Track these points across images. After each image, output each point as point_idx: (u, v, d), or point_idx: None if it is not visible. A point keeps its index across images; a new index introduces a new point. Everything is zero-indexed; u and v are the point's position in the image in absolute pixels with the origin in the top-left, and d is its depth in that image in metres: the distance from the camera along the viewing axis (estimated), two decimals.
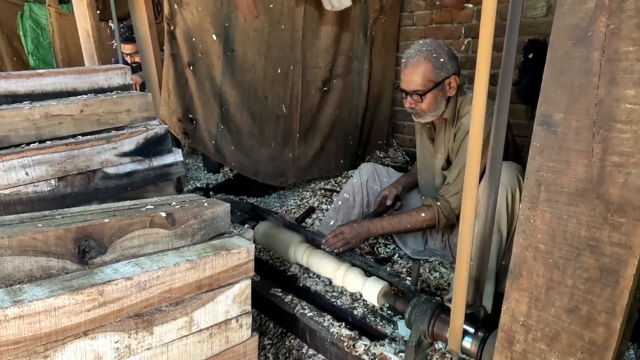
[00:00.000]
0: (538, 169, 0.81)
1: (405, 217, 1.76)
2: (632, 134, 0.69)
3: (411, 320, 1.28)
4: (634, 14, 0.67)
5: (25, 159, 1.14)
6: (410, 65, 1.66)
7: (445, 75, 1.67)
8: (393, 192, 1.98)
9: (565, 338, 0.83)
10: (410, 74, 1.66)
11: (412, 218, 1.74)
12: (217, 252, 1.05)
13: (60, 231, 0.88)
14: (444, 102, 1.72)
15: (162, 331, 0.97)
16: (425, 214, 1.72)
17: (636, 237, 0.72)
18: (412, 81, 1.66)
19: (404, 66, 1.69)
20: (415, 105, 1.71)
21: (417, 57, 1.65)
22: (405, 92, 1.71)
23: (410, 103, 1.72)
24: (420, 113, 1.74)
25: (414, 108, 1.73)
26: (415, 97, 1.68)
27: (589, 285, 0.78)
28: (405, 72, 1.68)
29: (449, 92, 1.71)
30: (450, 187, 1.72)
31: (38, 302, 0.77)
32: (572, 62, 0.74)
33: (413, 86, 1.67)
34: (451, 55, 1.69)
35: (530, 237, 0.85)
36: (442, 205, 1.71)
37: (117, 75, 1.53)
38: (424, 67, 1.64)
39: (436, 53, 1.65)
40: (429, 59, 1.64)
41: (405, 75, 1.68)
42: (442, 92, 1.69)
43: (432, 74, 1.65)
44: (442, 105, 1.72)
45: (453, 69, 1.68)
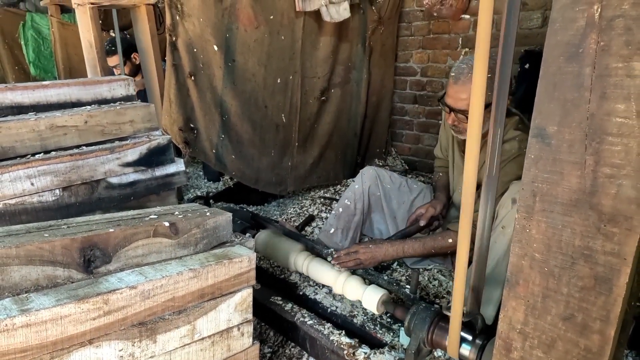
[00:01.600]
0: (533, 180, 0.83)
1: (430, 241, 1.65)
2: (622, 147, 0.72)
3: (410, 328, 1.30)
4: (622, 31, 0.70)
5: (30, 169, 1.16)
6: (461, 82, 1.54)
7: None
8: (430, 212, 1.82)
9: (561, 345, 0.85)
10: (459, 91, 1.54)
11: (438, 243, 1.63)
12: (219, 261, 1.07)
13: (66, 241, 0.90)
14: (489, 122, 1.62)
15: (165, 339, 0.98)
16: (452, 240, 1.61)
17: (628, 246, 0.74)
18: (460, 99, 1.55)
19: (453, 81, 1.56)
20: (458, 124, 1.61)
21: (469, 75, 1.51)
22: (451, 108, 1.59)
23: (454, 120, 1.61)
24: (462, 132, 1.63)
25: (456, 126, 1.63)
26: (461, 116, 1.57)
27: (583, 293, 0.80)
28: (455, 88, 1.55)
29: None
30: None
31: (45, 310, 0.79)
32: (564, 77, 0.77)
33: (460, 105, 1.56)
34: None
35: (526, 246, 0.87)
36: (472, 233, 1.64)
37: (120, 87, 1.56)
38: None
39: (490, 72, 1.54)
40: None
41: (454, 92, 1.56)
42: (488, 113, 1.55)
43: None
44: (486, 125, 1.57)
45: None
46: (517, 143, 1.55)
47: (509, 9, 0.95)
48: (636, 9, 0.68)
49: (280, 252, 1.83)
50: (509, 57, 1.00)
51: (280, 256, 1.83)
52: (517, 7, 0.95)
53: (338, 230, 2.11)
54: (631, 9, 0.68)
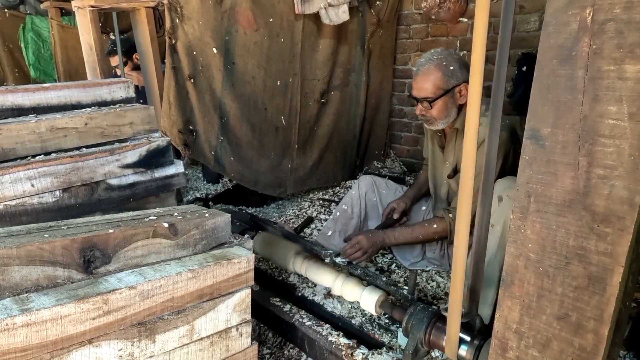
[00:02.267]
0: (528, 181, 0.85)
1: (418, 228, 1.80)
2: (615, 148, 0.73)
3: (408, 329, 1.31)
4: (614, 35, 0.71)
5: (31, 170, 1.17)
6: (421, 73, 1.71)
7: (455, 83, 1.69)
8: (401, 207, 2.01)
9: (556, 345, 0.86)
10: (420, 81, 1.71)
11: (424, 229, 1.78)
12: (218, 261, 1.08)
13: (67, 241, 0.91)
14: (455, 109, 1.74)
15: (165, 339, 0.99)
16: (437, 226, 1.75)
17: (621, 246, 0.75)
18: (422, 88, 1.70)
19: (415, 74, 1.74)
20: (425, 112, 1.75)
21: (427, 65, 1.70)
22: (416, 99, 1.75)
23: (420, 110, 1.76)
24: (430, 120, 1.77)
25: (424, 115, 1.76)
26: (425, 104, 1.71)
27: (577, 293, 0.81)
28: (417, 79, 1.72)
29: (460, 100, 1.73)
30: None
31: (45, 310, 0.80)
32: (557, 79, 0.78)
33: (423, 93, 1.71)
34: (462, 64, 1.72)
35: (521, 246, 0.88)
36: (453, 217, 1.73)
37: (120, 89, 1.57)
38: (434, 74, 1.68)
39: (446, 61, 1.69)
40: (439, 67, 1.68)
41: (416, 83, 1.73)
42: (452, 99, 1.72)
43: (441, 82, 1.68)
44: (452, 112, 1.74)
45: (463, 77, 1.70)
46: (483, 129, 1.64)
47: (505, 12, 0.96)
48: (627, 13, 0.69)
49: (279, 254, 1.84)
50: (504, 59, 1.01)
51: (279, 257, 1.84)
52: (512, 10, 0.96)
53: (335, 233, 2.12)
54: (622, 13, 0.70)
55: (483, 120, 1.66)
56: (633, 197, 0.73)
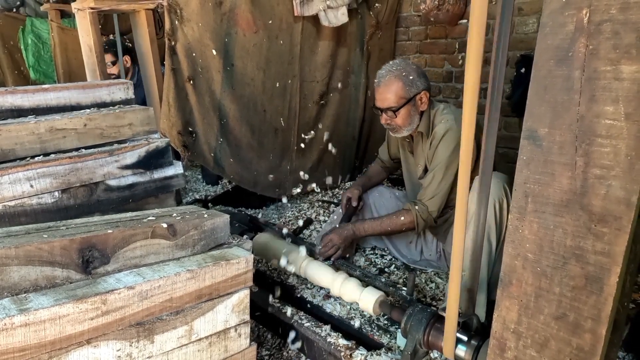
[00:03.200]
0: (525, 181, 0.85)
1: (386, 220, 1.84)
2: (611, 148, 0.73)
3: (407, 330, 1.31)
4: (610, 35, 0.71)
5: (30, 171, 1.17)
6: (382, 85, 1.77)
7: (416, 92, 1.76)
8: (356, 194, 2.09)
9: (554, 344, 0.86)
10: (383, 92, 1.76)
11: (392, 221, 1.82)
12: (216, 262, 1.08)
13: (65, 242, 0.91)
14: (418, 116, 1.81)
15: (163, 340, 0.99)
16: (404, 218, 1.80)
17: (618, 246, 0.75)
18: (385, 99, 1.76)
19: (377, 86, 1.79)
20: (390, 122, 1.81)
21: (388, 77, 1.76)
22: (380, 109, 1.80)
23: (385, 119, 1.82)
24: (396, 128, 1.83)
25: (389, 124, 1.83)
26: (390, 113, 1.77)
27: (575, 292, 0.81)
28: (379, 91, 1.78)
29: (421, 107, 1.80)
30: (427, 191, 1.79)
31: (43, 310, 0.80)
32: (554, 80, 0.78)
33: (387, 103, 1.76)
34: (420, 73, 1.79)
35: (519, 246, 0.88)
36: (419, 209, 1.78)
37: (119, 90, 1.57)
38: (395, 85, 1.74)
39: (405, 71, 1.76)
40: (399, 77, 1.75)
41: (379, 94, 1.78)
42: (415, 107, 1.79)
43: (403, 91, 1.75)
44: (415, 119, 1.81)
45: (422, 85, 1.78)
46: (443, 125, 1.77)
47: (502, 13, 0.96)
48: (623, 14, 0.70)
49: (278, 255, 1.84)
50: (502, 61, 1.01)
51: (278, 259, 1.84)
52: (510, 12, 0.97)
53: None
54: (619, 14, 0.70)
55: (442, 119, 1.79)
56: (630, 197, 0.73)
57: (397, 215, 1.82)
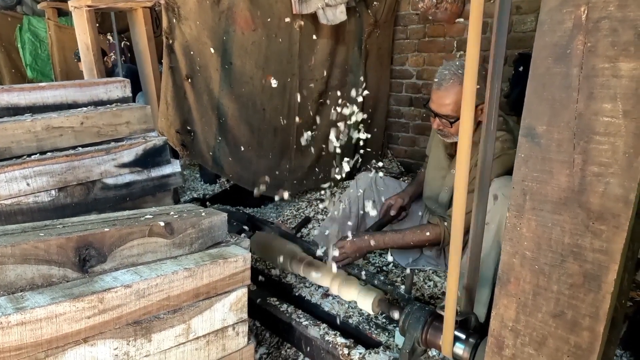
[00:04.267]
0: (523, 179, 0.85)
1: (409, 234, 1.73)
2: (609, 146, 0.73)
3: (405, 328, 1.30)
4: (608, 33, 0.71)
5: (26, 169, 1.16)
6: (443, 88, 1.57)
7: (479, 102, 1.45)
8: (398, 203, 1.96)
9: (552, 342, 0.86)
10: (442, 97, 1.58)
11: (416, 236, 1.72)
12: (214, 260, 1.07)
13: (62, 240, 0.91)
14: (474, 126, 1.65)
15: (160, 338, 0.99)
16: (430, 233, 1.69)
17: (616, 243, 0.75)
18: (443, 104, 1.59)
19: (437, 87, 1.60)
20: (443, 128, 1.65)
21: (452, 81, 1.55)
22: (435, 113, 1.63)
23: (438, 125, 1.65)
24: (447, 135, 1.69)
25: (442, 130, 1.67)
26: (445, 121, 1.61)
27: (573, 290, 0.81)
28: (438, 94, 1.59)
29: (480, 117, 1.57)
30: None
31: (40, 309, 0.79)
32: (553, 77, 0.78)
33: (444, 110, 1.59)
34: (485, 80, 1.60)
35: (517, 244, 0.88)
36: (449, 225, 1.62)
37: (116, 88, 1.57)
38: (458, 93, 1.51)
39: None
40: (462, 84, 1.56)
41: (438, 98, 1.59)
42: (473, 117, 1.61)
43: None
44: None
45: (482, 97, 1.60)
46: (500, 143, 1.59)
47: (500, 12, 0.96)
48: (621, 11, 0.70)
49: (276, 254, 1.84)
50: (500, 60, 1.01)
51: (277, 257, 1.84)
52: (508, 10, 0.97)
53: (333, 232, 2.12)
54: (617, 11, 0.70)
55: (500, 137, 1.59)
56: (628, 195, 0.73)
57: (422, 230, 1.71)
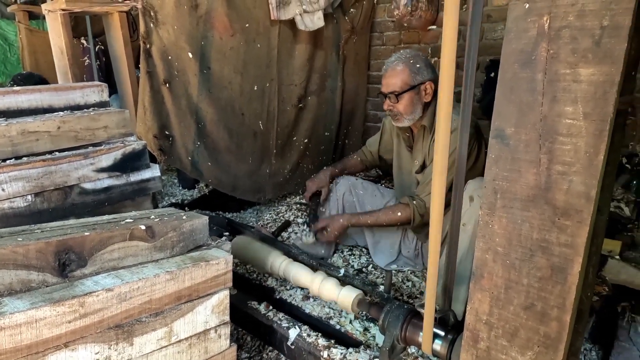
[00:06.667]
0: (494, 178, 0.89)
1: (382, 214, 1.88)
2: (572, 146, 0.78)
3: (384, 326, 1.33)
4: (569, 40, 0.76)
5: (1, 175, 1.14)
6: (389, 70, 1.82)
7: (421, 80, 1.79)
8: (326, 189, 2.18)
9: (523, 333, 0.90)
10: (389, 77, 1.81)
11: (388, 216, 1.86)
12: (196, 263, 1.08)
13: (41, 244, 0.90)
14: (420, 106, 1.82)
15: (142, 342, 0.98)
16: (401, 213, 1.83)
17: (580, 237, 0.80)
18: (390, 83, 1.80)
19: (384, 71, 1.84)
20: (393, 107, 1.83)
21: (395, 62, 1.81)
22: (384, 94, 1.83)
23: (388, 105, 1.84)
24: (398, 116, 1.84)
25: (392, 110, 1.84)
26: (392, 98, 1.80)
27: (542, 283, 0.86)
28: (385, 76, 1.83)
29: (425, 98, 1.81)
30: (426, 187, 1.82)
31: (19, 314, 0.78)
32: (519, 82, 0.83)
33: (391, 88, 1.80)
34: (427, 64, 1.82)
35: (489, 241, 0.92)
36: (417, 204, 1.81)
37: (93, 93, 1.55)
38: (401, 70, 1.78)
39: (413, 60, 1.80)
40: (406, 64, 1.79)
41: (385, 79, 1.82)
42: (418, 96, 1.81)
43: (408, 77, 1.78)
44: (418, 109, 1.82)
45: (429, 75, 1.80)
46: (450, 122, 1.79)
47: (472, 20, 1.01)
48: (580, 20, 0.75)
49: (257, 257, 1.84)
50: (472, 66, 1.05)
51: (257, 260, 1.84)
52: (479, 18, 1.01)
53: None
54: (576, 20, 0.75)
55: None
56: (589, 191, 0.78)
57: (394, 209, 1.86)
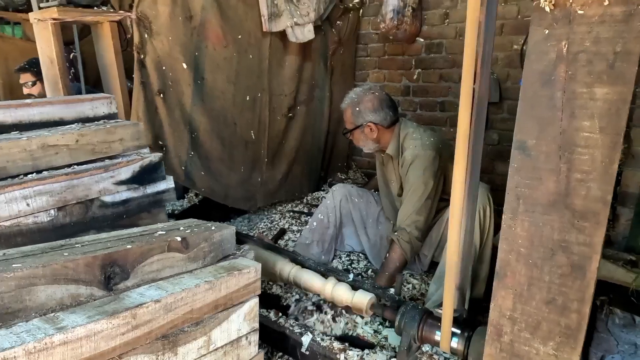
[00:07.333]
0: (517, 186, 0.98)
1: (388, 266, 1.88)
2: (589, 156, 0.88)
3: (401, 327, 1.40)
4: (585, 63, 0.87)
5: (26, 189, 1.13)
6: (343, 109, 2.09)
7: (362, 122, 2.00)
8: None
9: (545, 326, 0.99)
10: (344, 114, 2.09)
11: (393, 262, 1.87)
12: (230, 272, 1.11)
13: (89, 259, 0.91)
14: (371, 141, 2.03)
15: (185, 351, 1.01)
16: (395, 254, 1.87)
17: (597, 237, 0.90)
18: (347, 122, 2.07)
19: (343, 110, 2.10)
20: (351, 138, 2.10)
21: (344, 104, 2.07)
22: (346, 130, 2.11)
23: (348, 136, 2.12)
24: (359, 143, 2.09)
25: (351, 140, 2.12)
26: (347, 132, 2.09)
27: (562, 279, 0.95)
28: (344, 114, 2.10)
29: (371, 135, 2.01)
30: (402, 215, 1.88)
31: (80, 327, 0.79)
32: (540, 99, 0.93)
33: (345, 124, 2.10)
34: (372, 105, 1.98)
35: (512, 242, 1.01)
36: (401, 235, 1.85)
37: (102, 105, 1.55)
38: (347, 112, 2.05)
39: (356, 104, 2.00)
40: (350, 106, 2.02)
41: (344, 117, 2.10)
42: (364, 134, 2.02)
43: (352, 118, 2.02)
44: (369, 143, 2.05)
45: (370, 117, 1.98)
46: (411, 151, 1.93)
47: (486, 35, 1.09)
48: (595, 46, 0.85)
49: (265, 264, 1.87)
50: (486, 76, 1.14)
51: (265, 268, 1.87)
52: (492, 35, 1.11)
53: (314, 242, 2.19)
54: (592, 46, 0.86)
55: (410, 145, 1.94)
56: (605, 196, 0.88)
57: (390, 255, 1.88)
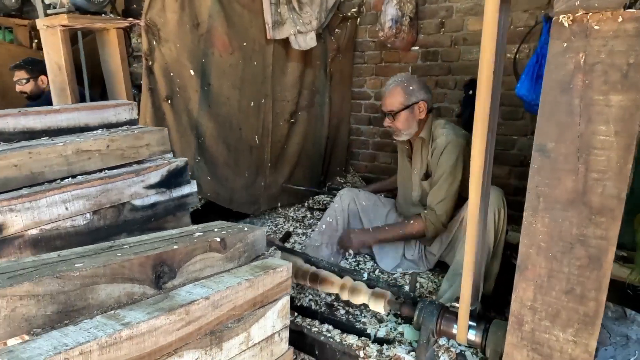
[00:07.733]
0: (537, 185, 1.07)
1: (398, 228, 2.13)
2: (605, 157, 0.97)
3: (420, 322, 1.47)
4: (601, 74, 0.96)
5: (65, 194, 1.16)
6: (388, 91, 2.10)
7: (415, 100, 2.06)
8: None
9: (564, 314, 1.07)
10: (387, 97, 2.09)
11: (405, 228, 2.10)
12: (266, 271, 1.16)
13: (142, 258, 0.95)
14: (415, 123, 2.10)
15: (229, 347, 1.05)
16: (416, 225, 2.06)
17: (612, 231, 0.99)
18: (388, 103, 2.08)
19: (384, 92, 2.13)
20: (391, 124, 2.10)
21: (393, 85, 2.09)
22: (384, 113, 2.11)
23: (387, 122, 2.12)
24: (396, 131, 2.11)
25: (391, 126, 2.12)
26: (390, 116, 2.08)
27: (581, 270, 1.04)
28: (385, 96, 2.11)
29: (419, 115, 2.09)
30: (435, 197, 2.04)
31: (143, 323, 0.84)
32: (559, 106, 1.01)
33: (389, 107, 2.08)
34: (421, 86, 2.09)
35: (532, 237, 1.09)
36: (428, 214, 2.03)
37: (124, 111, 1.58)
38: (397, 92, 2.06)
39: (407, 82, 2.07)
40: (401, 86, 2.06)
41: (384, 99, 2.10)
42: (412, 114, 2.07)
43: (403, 98, 2.06)
44: (413, 125, 2.09)
45: (422, 96, 2.07)
46: (444, 137, 2.05)
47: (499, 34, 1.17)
48: (610, 58, 0.94)
49: None
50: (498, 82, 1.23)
51: None
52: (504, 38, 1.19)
53: (323, 244, 2.25)
54: (607, 58, 0.95)
55: (443, 132, 2.06)
56: (620, 194, 0.97)
57: (410, 222, 2.08)
